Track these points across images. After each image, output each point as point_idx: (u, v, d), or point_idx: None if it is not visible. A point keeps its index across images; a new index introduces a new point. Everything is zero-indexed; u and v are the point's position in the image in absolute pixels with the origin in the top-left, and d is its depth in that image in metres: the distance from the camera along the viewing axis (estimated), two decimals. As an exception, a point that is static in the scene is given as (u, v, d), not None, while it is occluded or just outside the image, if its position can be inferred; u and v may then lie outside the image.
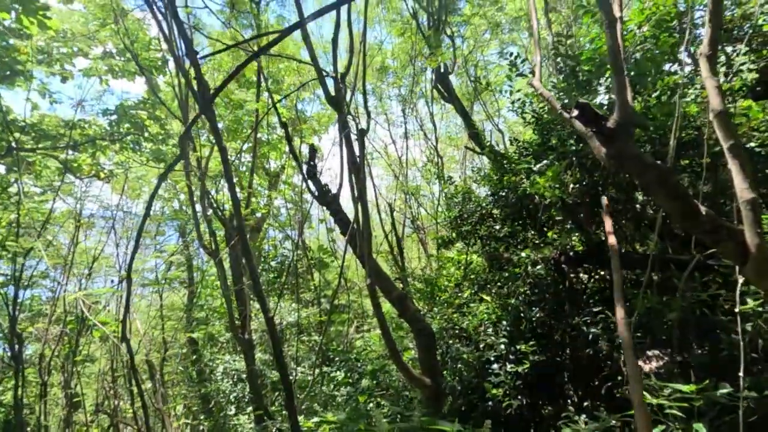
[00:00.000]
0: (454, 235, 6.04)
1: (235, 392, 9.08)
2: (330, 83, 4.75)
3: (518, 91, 5.77)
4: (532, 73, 5.51)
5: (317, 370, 9.04)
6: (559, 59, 4.86)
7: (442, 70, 7.40)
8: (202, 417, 11.98)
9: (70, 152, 9.74)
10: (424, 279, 6.39)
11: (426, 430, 2.54)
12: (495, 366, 4.63)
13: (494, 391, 4.11)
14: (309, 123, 12.51)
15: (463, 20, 8.71)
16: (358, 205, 4.11)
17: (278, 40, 2.62)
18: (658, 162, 3.01)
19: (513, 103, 5.68)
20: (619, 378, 4.81)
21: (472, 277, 6.21)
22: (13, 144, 8.52)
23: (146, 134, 10.09)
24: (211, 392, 10.29)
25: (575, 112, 3.15)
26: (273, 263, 12.88)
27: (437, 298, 6.04)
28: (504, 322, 4.83)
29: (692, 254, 3.41)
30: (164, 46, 10.43)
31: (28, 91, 9.62)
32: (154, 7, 4.18)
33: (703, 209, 2.94)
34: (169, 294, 14.08)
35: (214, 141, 9.95)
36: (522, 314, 5.06)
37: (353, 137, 4.58)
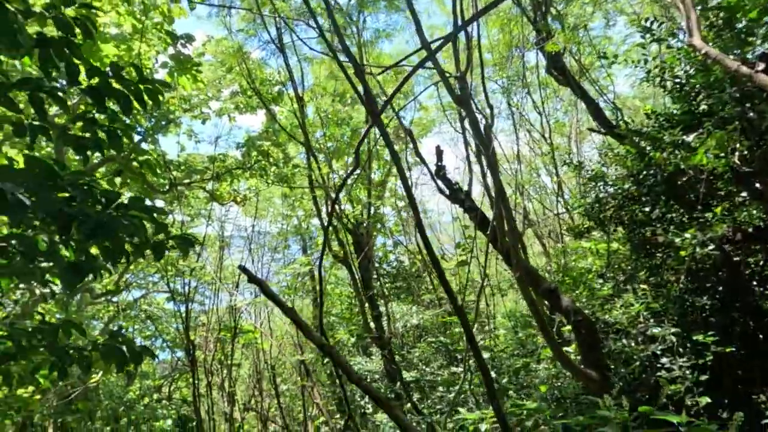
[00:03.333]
0: (591, 223, 5.67)
1: (371, 392, 9.52)
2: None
3: (654, 58, 5.26)
4: (673, 35, 5.00)
5: (445, 372, 9.12)
6: (710, 13, 4.32)
7: (553, 53, 7.06)
8: (338, 416, 12.80)
9: (213, 183, 11.29)
10: (564, 271, 6.09)
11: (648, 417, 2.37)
12: (664, 360, 4.22)
13: (672, 387, 3.73)
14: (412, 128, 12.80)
15: (566, -2, 8.24)
16: (498, 200, 4.10)
17: (427, 59, 2.78)
18: None
19: (648, 72, 5.19)
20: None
21: (616, 266, 5.75)
22: (173, 181, 10.18)
23: (270, 160, 11.26)
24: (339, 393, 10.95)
25: (761, 66, 2.79)
26: (388, 268, 13.36)
27: (579, 291, 5.70)
28: (670, 312, 4.38)
29: None
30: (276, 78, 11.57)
31: (178, 135, 11.40)
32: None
33: None
34: (299, 302, 15.34)
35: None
36: (688, 302, 4.54)
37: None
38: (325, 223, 9.19)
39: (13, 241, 2.71)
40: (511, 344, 7.92)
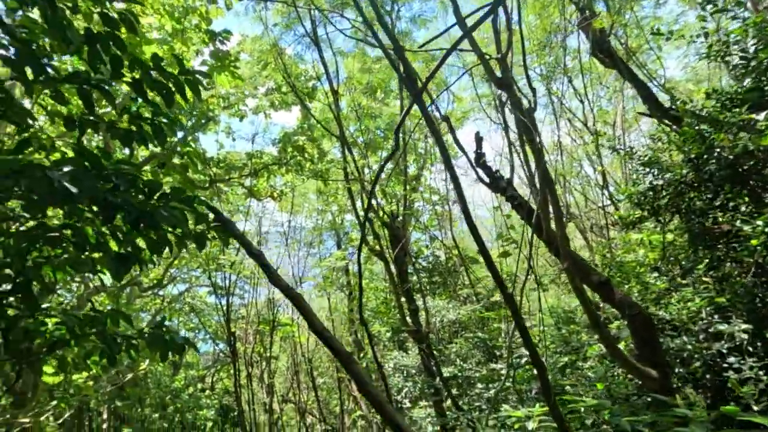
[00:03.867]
0: (643, 212, 5.29)
1: (407, 387, 9.41)
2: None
3: (712, 34, 4.84)
4: (739, 4, 4.57)
5: (484, 368, 8.88)
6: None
7: (598, 34, 6.67)
8: (372, 410, 12.81)
9: (251, 179, 11.53)
10: (615, 265, 5.74)
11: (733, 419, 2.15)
12: (731, 359, 3.87)
13: (744, 389, 3.41)
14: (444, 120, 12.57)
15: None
16: (543, 186, 3.88)
17: (465, 36, 2.62)
18: None
19: (710, 47, 4.77)
20: None
21: (672, 259, 5.36)
22: (213, 177, 10.47)
23: (306, 155, 11.35)
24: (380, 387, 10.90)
25: None
26: (423, 263, 13.20)
27: (631, 286, 5.35)
28: (738, 308, 4.01)
29: None
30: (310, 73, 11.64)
31: (216, 133, 11.71)
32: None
33: None
34: (334, 297, 15.45)
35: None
36: (758, 297, 4.15)
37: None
38: (361, 215, 9.17)
39: (66, 231, 2.79)
40: (555, 341, 7.60)
